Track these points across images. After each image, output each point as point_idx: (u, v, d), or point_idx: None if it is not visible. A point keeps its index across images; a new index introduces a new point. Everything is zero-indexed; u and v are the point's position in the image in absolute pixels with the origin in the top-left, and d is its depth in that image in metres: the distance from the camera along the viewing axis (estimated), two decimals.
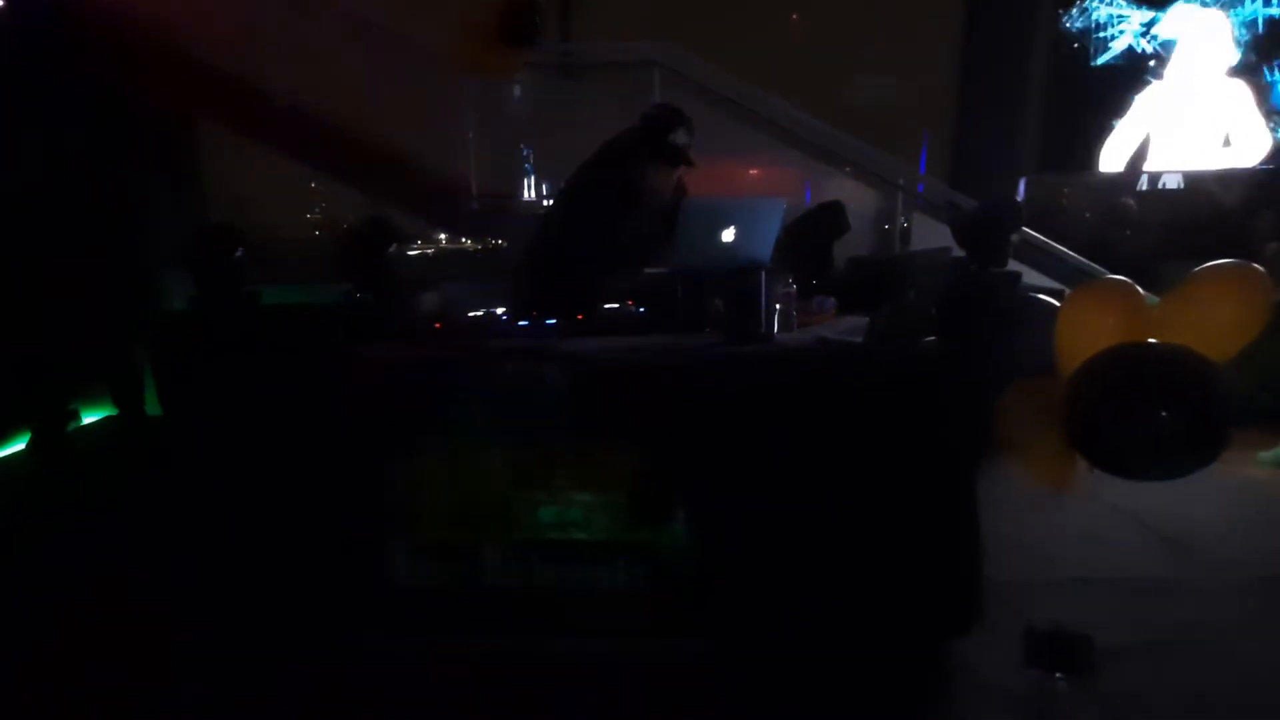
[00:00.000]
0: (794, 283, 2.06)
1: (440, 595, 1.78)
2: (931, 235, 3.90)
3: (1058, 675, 1.63)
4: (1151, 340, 1.62)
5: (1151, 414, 1.53)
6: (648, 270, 2.20)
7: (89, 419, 3.49)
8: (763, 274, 1.91)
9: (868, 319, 1.95)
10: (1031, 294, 2.85)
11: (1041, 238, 4.33)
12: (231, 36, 3.63)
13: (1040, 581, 2.14)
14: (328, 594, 1.77)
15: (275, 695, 1.70)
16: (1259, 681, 1.72)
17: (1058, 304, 1.86)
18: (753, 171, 4.31)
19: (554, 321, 2.05)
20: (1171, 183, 5.31)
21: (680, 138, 2.31)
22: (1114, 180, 5.53)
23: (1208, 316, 1.57)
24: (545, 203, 4.11)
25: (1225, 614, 1.99)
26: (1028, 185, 5.37)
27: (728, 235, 2.01)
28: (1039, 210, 4.99)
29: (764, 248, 2.06)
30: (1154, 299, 1.80)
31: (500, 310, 2.13)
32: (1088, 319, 1.70)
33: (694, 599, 1.74)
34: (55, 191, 3.13)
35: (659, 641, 1.75)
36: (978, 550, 1.76)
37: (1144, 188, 5.35)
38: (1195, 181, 5.21)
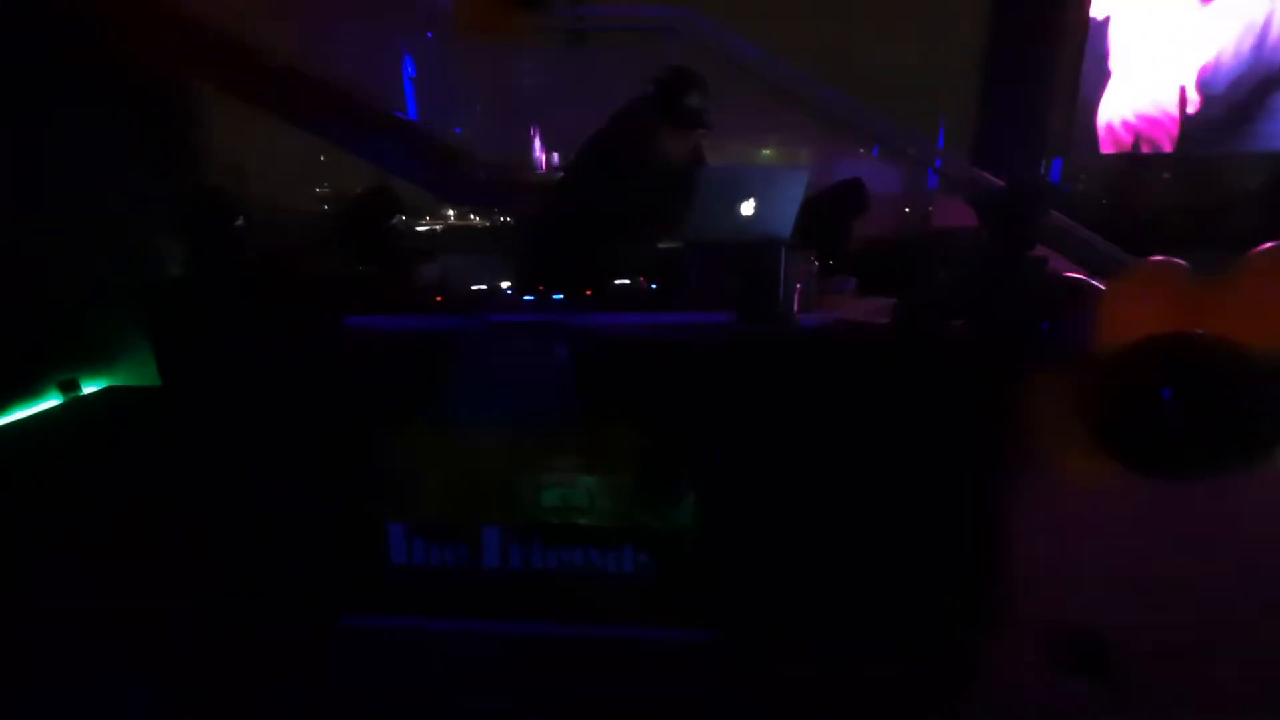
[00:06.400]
0: (815, 259, 1.95)
1: (440, 577, 1.72)
2: (955, 214, 3.76)
3: (1079, 675, 1.56)
4: (1183, 330, 1.49)
5: (1171, 412, 1.41)
6: (661, 244, 2.10)
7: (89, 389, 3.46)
8: (782, 250, 1.80)
9: (892, 300, 1.85)
10: (1071, 275, 2.71)
11: (1070, 220, 4.17)
12: None
13: (1064, 580, 2.05)
14: (326, 575, 1.72)
15: (276, 675, 1.66)
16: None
17: (1101, 287, 1.74)
18: (766, 151, 4.16)
19: (561, 296, 1.96)
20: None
21: (694, 101, 2.19)
22: (1150, 159, 5.32)
23: (1265, 302, 1.45)
24: (556, 175, 3.99)
25: (1251, 614, 1.91)
26: (1059, 165, 5.17)
27: (747, 207, 1.89)
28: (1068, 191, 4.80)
29: (785, 221, 1.95)
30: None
31: (505, 284, 2.05)
32: (1131, 304, 1.58)
33: (704, 587, 1.67)
34: (48, 159, 3.05)
35: (667, 629, 1.69)
36: (999, 546, 1.68)
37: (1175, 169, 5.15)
38: (1233, 161, 4.99)
